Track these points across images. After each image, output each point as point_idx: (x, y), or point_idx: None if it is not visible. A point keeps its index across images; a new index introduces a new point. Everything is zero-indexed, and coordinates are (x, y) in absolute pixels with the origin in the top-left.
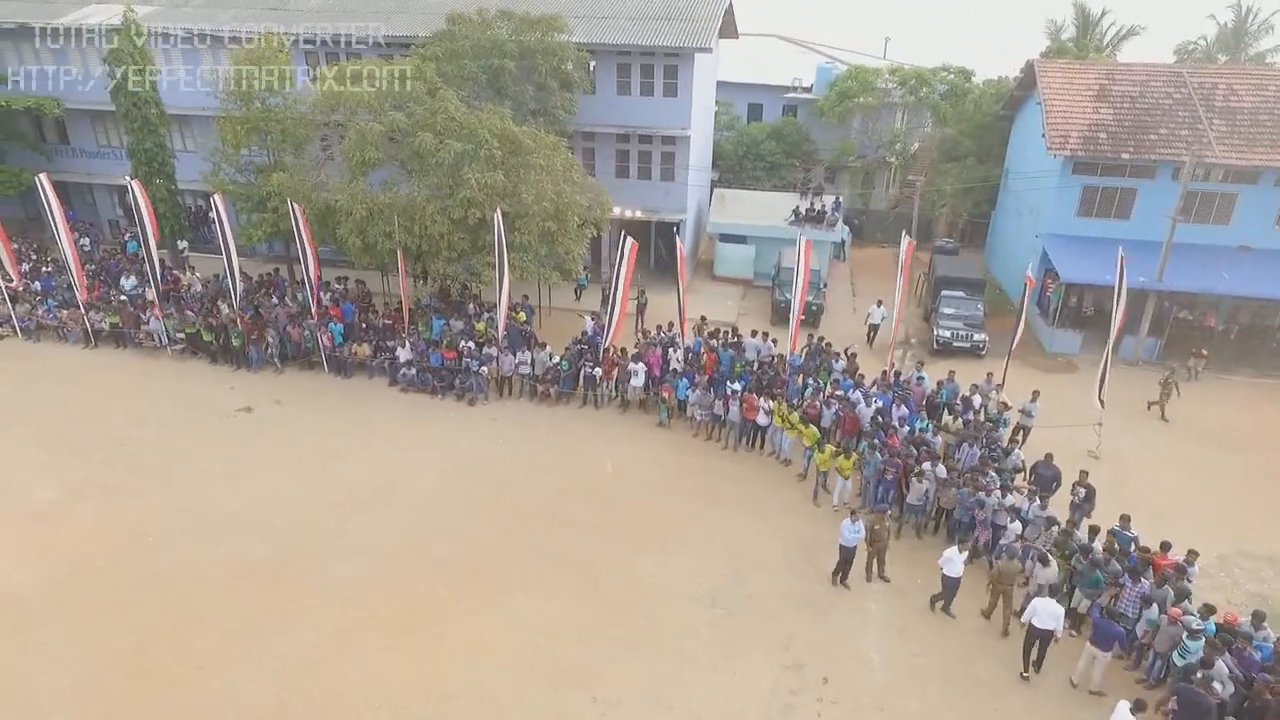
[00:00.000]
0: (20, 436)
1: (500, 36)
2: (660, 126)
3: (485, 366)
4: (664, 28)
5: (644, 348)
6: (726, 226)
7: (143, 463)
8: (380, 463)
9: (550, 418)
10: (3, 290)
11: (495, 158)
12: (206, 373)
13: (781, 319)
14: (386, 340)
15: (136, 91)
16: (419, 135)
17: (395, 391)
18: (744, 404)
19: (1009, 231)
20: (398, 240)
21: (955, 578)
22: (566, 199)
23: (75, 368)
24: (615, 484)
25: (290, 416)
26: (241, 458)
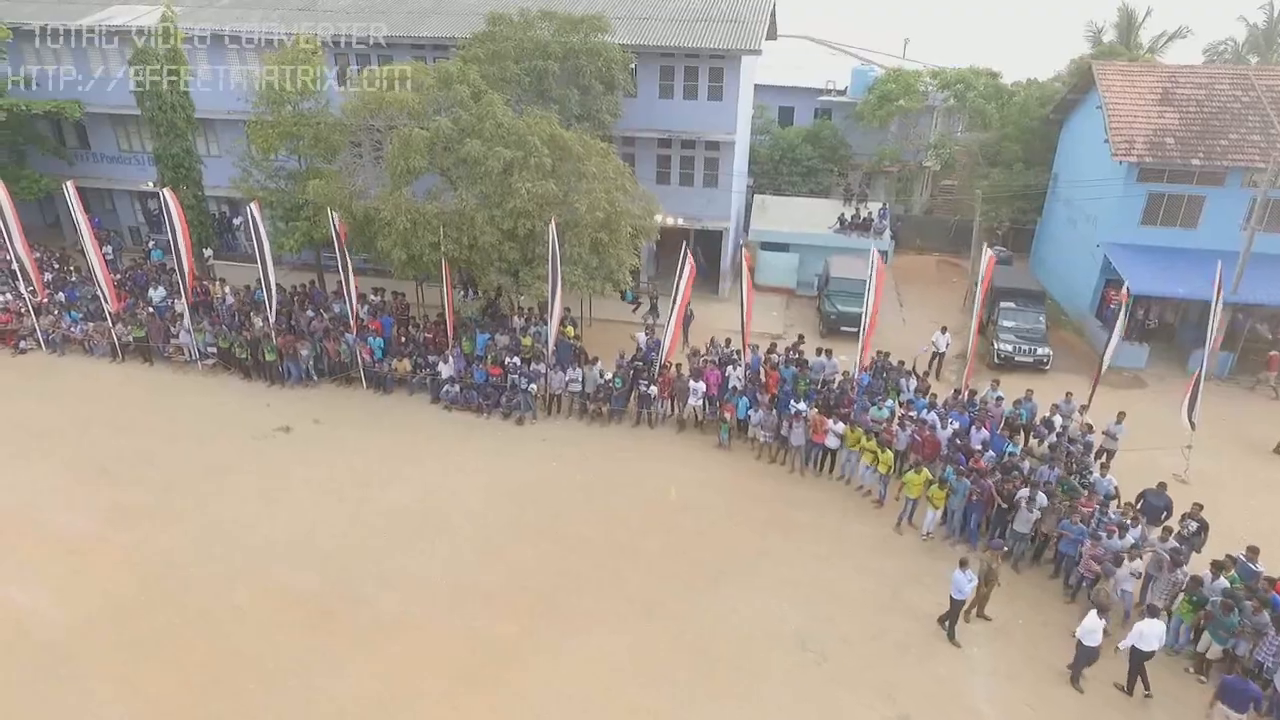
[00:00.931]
0: (50, 458)
1: (543, 37)
2: (704, 131)
3: (534, 384)
4: (709, 29)
5: (702, 365)
6: (768, 234)
7: (177, 486)
8: (427, 486)
9: (603, 438)
10: (27, 302)
11: (545, 165)
12: (240, 389)
13: (831, 330)
14: (427, 355)
15: (164, 94)
16: (467, 142)
17: (438, 409)
18: (811, 426)
19: (1060, 240)
20: (444, 252)
21: (1094, 647)
22: (620, 208)
23: (102, 383)
24: (678, 511)
25: (330, 436)
26: (281, 481)
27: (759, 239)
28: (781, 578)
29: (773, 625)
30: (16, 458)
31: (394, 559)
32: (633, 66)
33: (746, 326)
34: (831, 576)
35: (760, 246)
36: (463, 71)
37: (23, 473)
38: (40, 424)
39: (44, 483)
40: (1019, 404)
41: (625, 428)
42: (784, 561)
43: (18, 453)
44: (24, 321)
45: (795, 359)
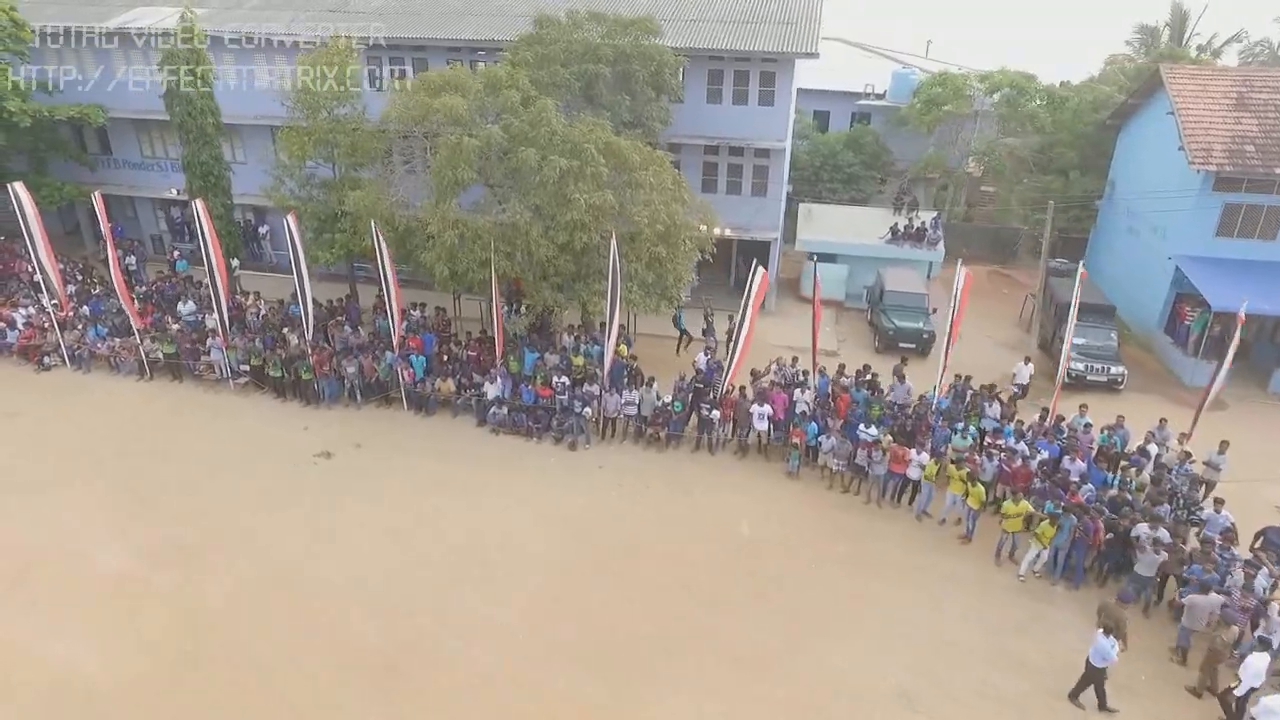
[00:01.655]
0: (84, 486)
1: (593, 40)
2: (753, 137)
3: (588, 407)
4: (761, 31)
5: (767, 387)
6: (816, 244)
7: (220, 519)
8: (483, 519)
9: (662, 465)
10: (51, 315)
11: (602, 175)
12: (275, 410)
13: (887, 347)
14: (472, 374)
15: (193, 99)
16: (521, 151)
17: (485, 432)
18: (890, 454)
19: (1120, 250)
20: (496, 268)
21: None
22: (679, 220)
23: (132, 403)
24: (755, 548)
25: (374, 463)
26: (328, 514)
27: (806, 249)
28: (876, 625)
29: (875, 681)
30: (49, 486)
31: (460, 604)
32: (683, 70)
33: (815, 345)
34: (930, 623)
35: (807, 257)
36: (512, 76)
37: (56, 503)
38: (71, 448)
39: (79, 515)
40: (1111, 431)
41: (684, 453)
42: (875, 605)
43: (50, 480)
44: (48, 337)
45: (867, 381)
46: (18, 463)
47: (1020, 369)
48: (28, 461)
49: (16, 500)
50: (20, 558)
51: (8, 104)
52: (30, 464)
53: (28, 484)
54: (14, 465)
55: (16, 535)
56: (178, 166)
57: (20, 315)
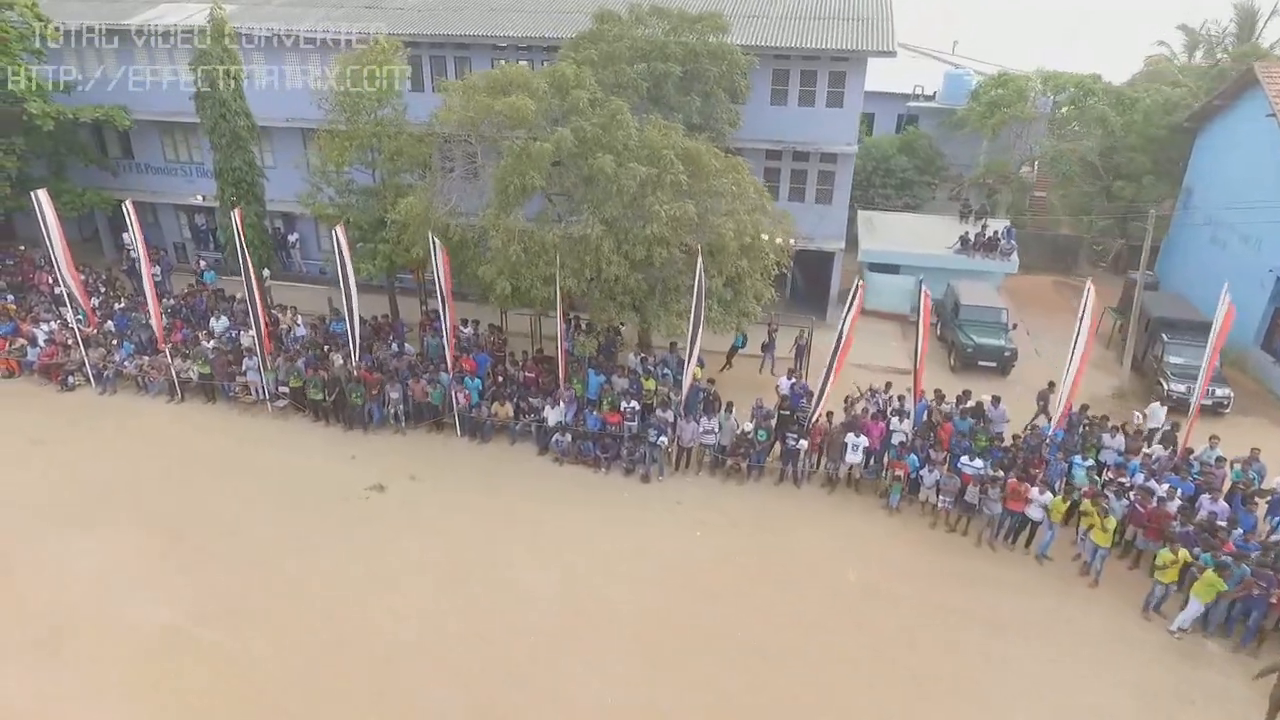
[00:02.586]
0: (119, 526)
1: (659, 38)
2: (820, 141)
3: (664, 436)
4: (831, 28)
5: (861, 415)
6: (879, 254)
7: (266, 563)
8: (561, 566)
9: (745, 499)
10: (76, 331)
11: (681, 184)
12: (318, 436)
13: (965, 366)
14: (530, 398)
15: (225, 101)
16: (596, 157)
17: (547, 462)
18: (1009, 492)
19: (1202, 261)
20: (565, 285)
21: None
22: (764, 231)
23: (164, 428)
24: (866, 599)
25: (431, 497)
26: (386, 557)
27: (868, 259)
28: (1019, 692)
29: None
30: (76, 524)
31: (558, 676)
32: (752, 70)
33: (919, 370)
34: (1078, 691)
35: (868, 268)
36: (579, 75)
37: (89, 546)
38: (99, 478)
39: (114, 559)
40: (1245, 465)
41: (767, 486)
42: (1012, 667)
43: (77, 516)
44: (72, 355)
45: (970, 409)
46: (47, 499)
47: (1153, 409)
48: (57, 497)
49: (48, 543)
50: (54, 610)
51: (29, 106)
52: (60, 500)
53: (59, 523)
54: (43, 501)
55: (50, 584)
56: (203, 171)
57: (41, 331)
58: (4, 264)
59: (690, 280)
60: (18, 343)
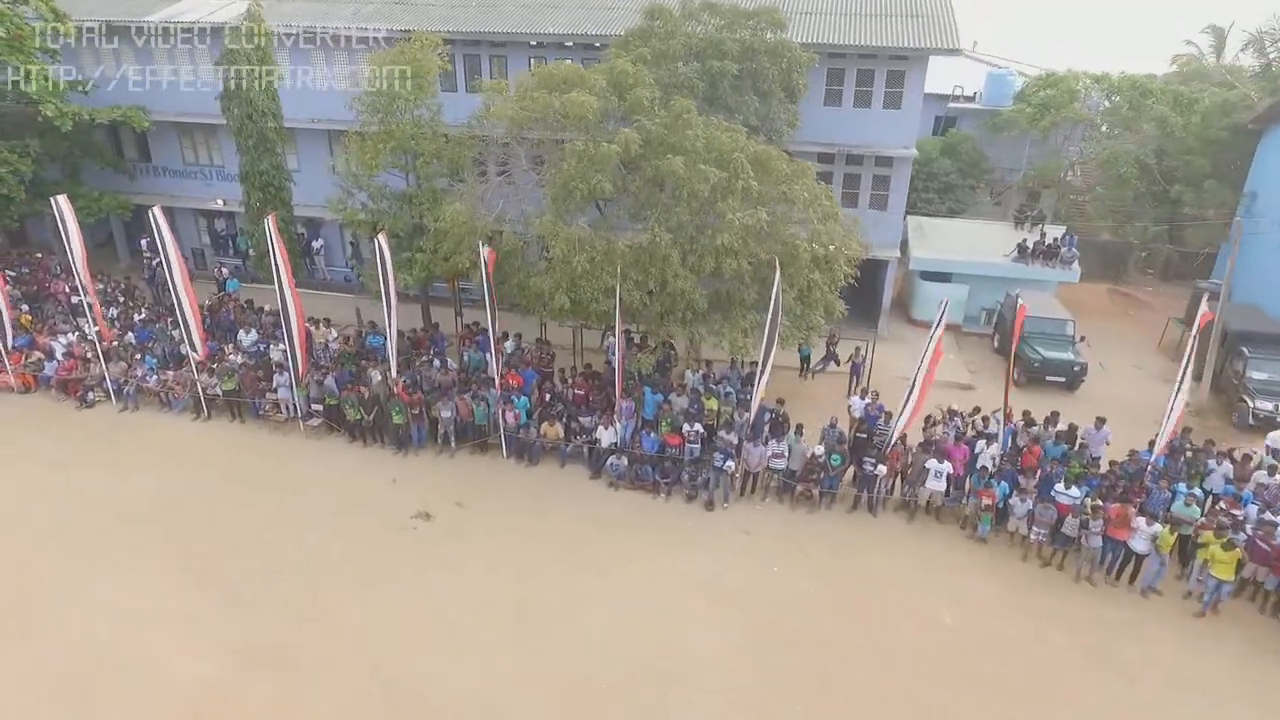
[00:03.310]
0: (145, 557)
1: (714, 34)
2: (875, 144)
3: (731, 460)
4: (890, 25)
5: (942, 437)
6: (932, 262)
7: (312, 602)
8: (628, 604)
9: (817, 529)
10: (95, 344)
11: (753, 189)
12: (356, 458)
13: (1031, 380)
14: (580, 417)
15: (254, 101)
16: (664, 160)
17: (601, 487)
18: (1112, 519)
19: (1269, 269)
20: (627, 298)
21: None
22: (838, 240)
23: (191, 449)
24: (968, 645)
25: (482, 525)
26: (439, 596)
27: (919, 267)
28: None
29: None
30: (102, 558)
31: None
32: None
33: (1007, 391)
34: None
35: (918, 276)
36: (639, 73)
37: (113, 581)
38: (124, 507)
39: (148, 600)
40: None
41: (840, 514)
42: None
43: (103, 549)
44: (91, 369)
45: (1062, 431)
46: (70, 530)
47: (1275, 438)
48: (81, 528)
49: (75, 581)
50: (81, 659)
51: (45, 107)
52: (85, 531)
53: (85, 558)
54: (67, 533)
55: (75, 629)
56: (224, 174)
57: (59, 344)
58: (19, 272)
59: (755, 294)
60: (34, 356)
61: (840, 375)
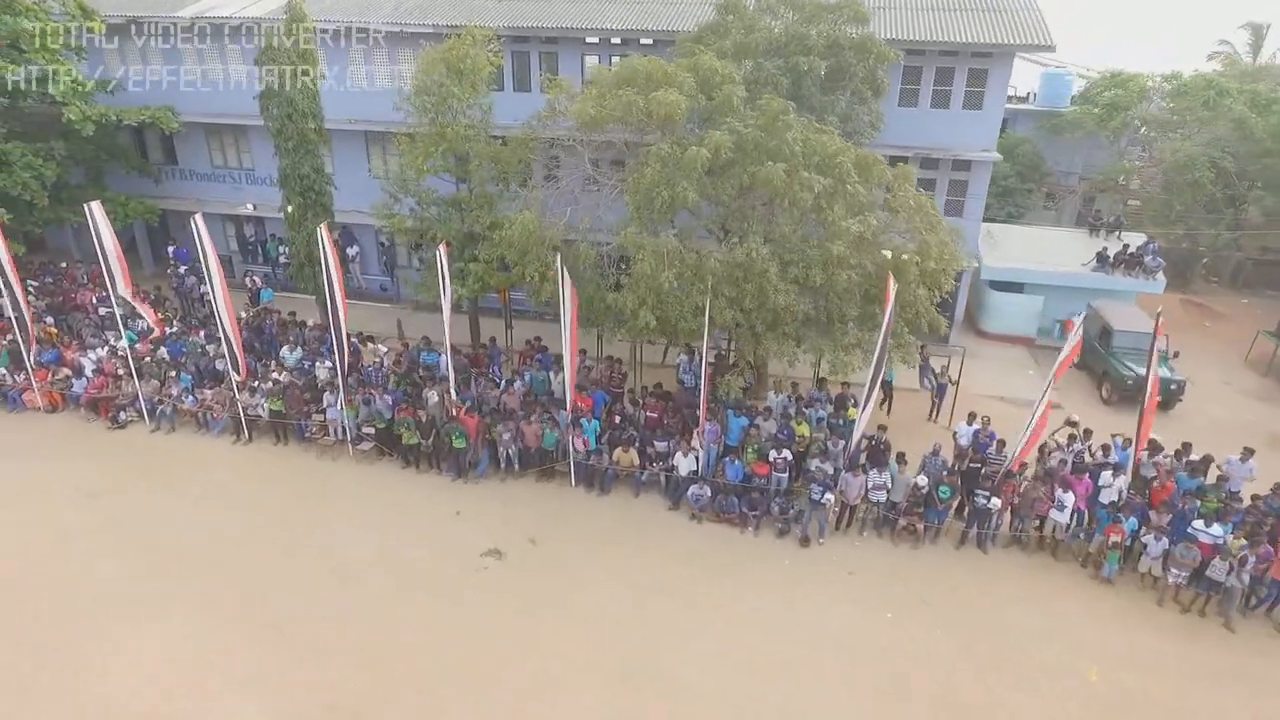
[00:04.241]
0: (201, 608)
1: (796, 29)
2: (953, 147)
3: (830, 493)
4: (971, 20)
5: (1057, 466)
6: (1003, 271)
7: (380, 658)
8: (734, 660)
9: (927, 568)
10: (129, 360)
11: (859, 196)
12: (412, 485)
13: (1123, 398)
14: (655, 442)
15: (295, 101)
16: (763, 166)
17: (681, 519)
18: (1261, 560)
19: None
20: (720, 316)
21: None
22: (949, 252)
23: (232, 474)
24: (1125, 710)
25: (560, 566)
26: (519, 648)
27: (990, 277)
28: None
29: None
30: (146, 602)
31: None
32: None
33: (1146, 417)
34: None
35: (988, 286)
36: (726, 70)
37: (160, 629)
38: (167, 541)
39: (203, 654)
40: None
41: (946, 550)
42: None
43: (156, 597)
44: (124, 387)
45: (1195, 462)
46: (109, 569)
47: None
48: (123, 567)
49: (117, 630)
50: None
51: (68, 110)
52: (127, 571)
53: (124, 604)
54: (105, 573)
55: (127, 686)
56: (253, 178)
57: (89, 360)
58: (42, 282)
59: (857, 309)
60: (61, 372)
61: (921, 395)
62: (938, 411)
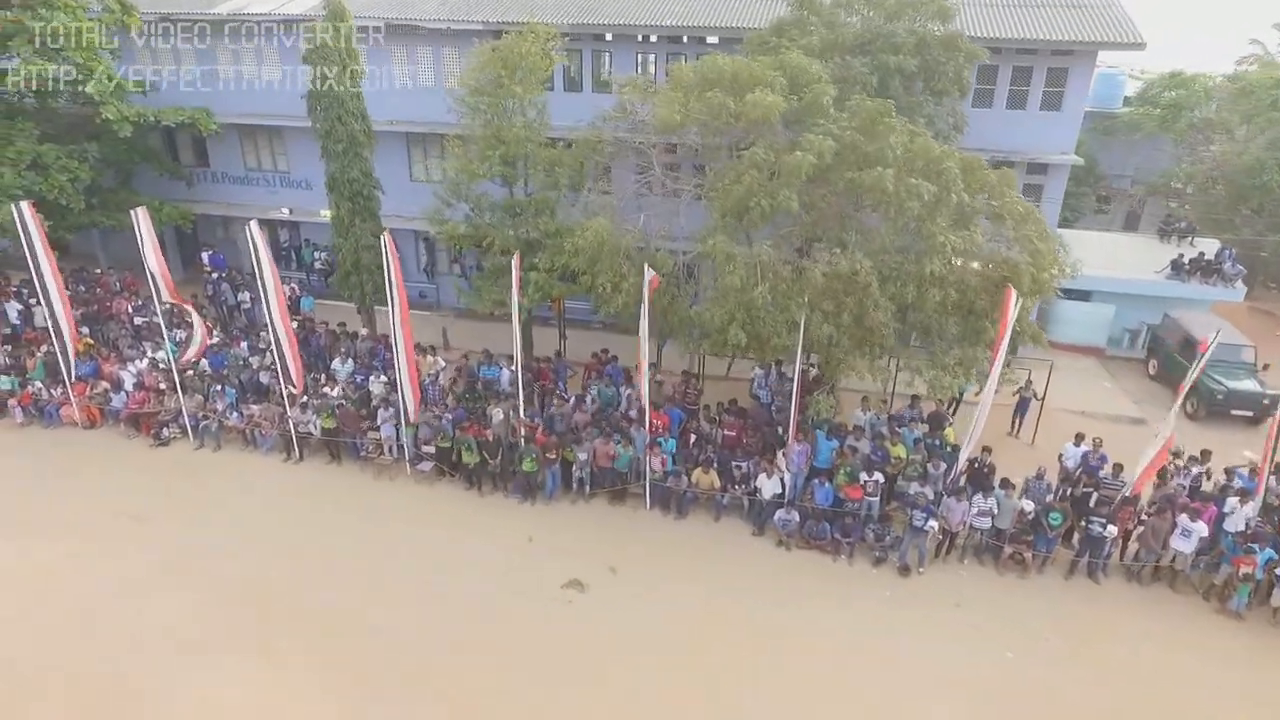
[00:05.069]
0: (266, 645)
1: (882, 25)
2: (1029, 150)
3: (934, 520)
4: (1052, 16)
5: (1175, 492)
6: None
7: (483, 707)
8: (856, 705)
9: (1037, 600)
10: (173, 372)
11: (966, 205)
12: (478, 509)
13: (1211, 413)
14: (737, 463)
15: (344, 101)
16: (874, 171)
17: (768, 545)
18: None
19: None
20: (820, 332)
21: None
22: (1060, 263)
23: (287, 497)
24: None
25: (646, 598)
26: (627, 696)
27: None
28: None
29: None
30: (209, 644)
31: None
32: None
33: (1270, 438)
34: None
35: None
36: (815, 70)
37: (229, 677)
38: (223, 571)
39: (275, 700)
40: None
41: (1054, 580)
42: None
43: (220, 637)
44: (166, 402)
45: None
46: (170, 606)
47: None
48: (181, 603)
49: (180, 678)
50: None
51: (105, 109)
52: (186, 609)
53: (187, 648)
54: (167, 611)
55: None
56: (287, 181)
57: (129, 373)
58: (75, 290)
59: (956, 325)
60: (100, 386)
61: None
62: (1019, 427)
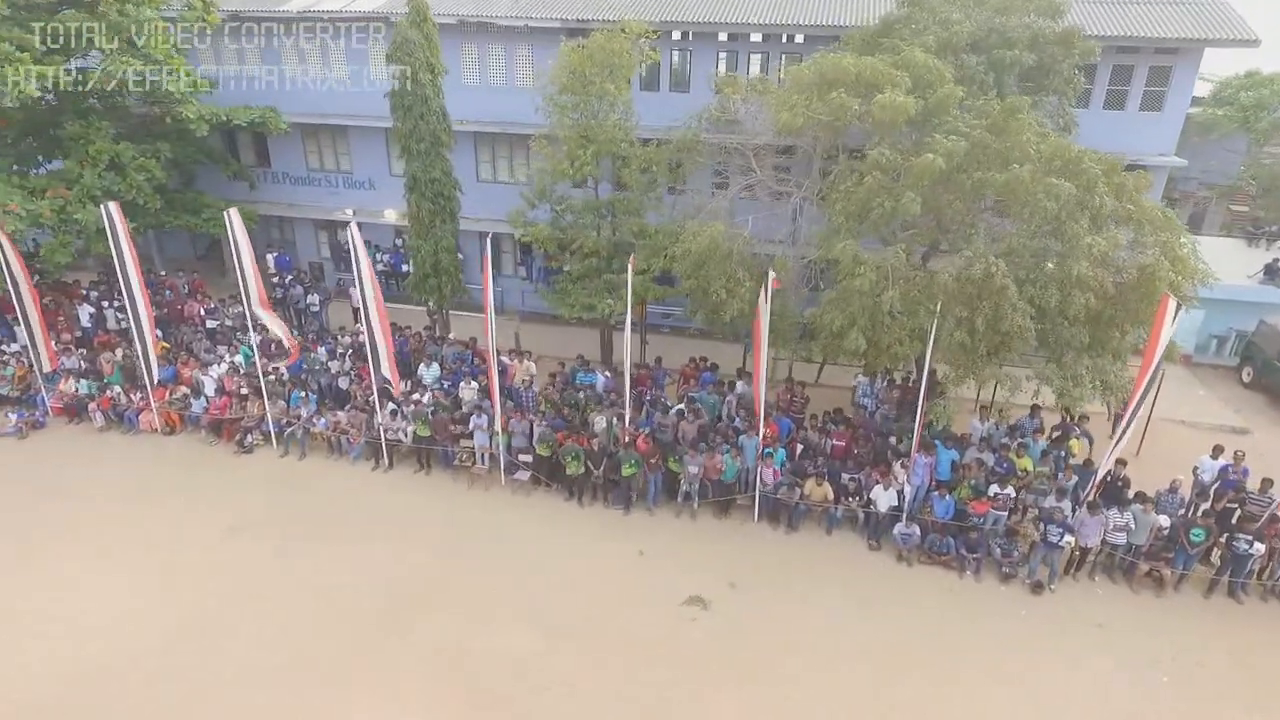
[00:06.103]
0: (386, 673)
1: (993, 21)
2: (1125, 151)
3: (1069, 535)
4: (1154, 12)
5: None
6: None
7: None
8: None
9: (1174, 618)
10: (259, 377)
11: (1106, 207)
12: (580, 520)
13: None
14: (850, 475)
15: (429, 101)
16: (1010, 170)
17: (888, 560)
18: None
19: None
20: (951, 339)
21: None
22: (1204, 270)
23: (382, 507)
24: None
25: (773, 615)
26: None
27: None
28: None
29: None
30: (338, 678)
31: None
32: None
33: None
34: None
35: None
36: (940, 69)
37: (345, 711)
38: (325, 589)
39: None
40: None
41: (1193, 598)
42: None
43: (323, 663)
44: (249, 408)
45: None
46: (278, 626)
47: None
48: (289, 623)
49: (304, 698)
50: None
51: (185, 109)
52: (296, 629)
53: (305, 680)
54: (276, 632)
55: None
56: (350, 181)
57: (209, 378)
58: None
59: (1087, 334)
60: (179, 391)
61: (1097, 419)
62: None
